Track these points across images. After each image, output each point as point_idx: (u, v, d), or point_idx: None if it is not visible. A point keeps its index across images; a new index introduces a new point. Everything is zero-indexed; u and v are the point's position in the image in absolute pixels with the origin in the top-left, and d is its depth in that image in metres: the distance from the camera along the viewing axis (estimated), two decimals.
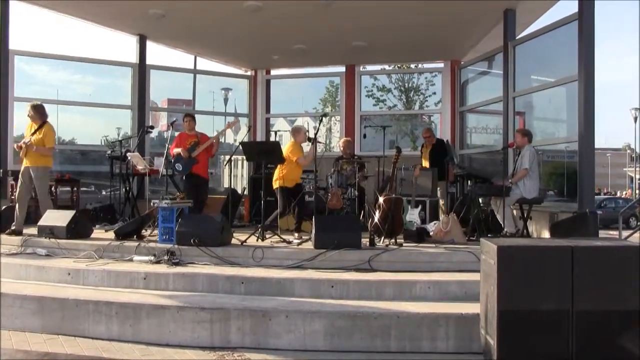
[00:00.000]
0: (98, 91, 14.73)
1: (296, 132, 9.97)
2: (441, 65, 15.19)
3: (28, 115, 9.80)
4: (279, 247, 8.43)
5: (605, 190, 58.88)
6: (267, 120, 16.00)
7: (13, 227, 9.53)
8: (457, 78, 14.38)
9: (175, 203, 8.86)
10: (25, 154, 9.65)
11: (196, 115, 15.23)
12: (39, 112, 9.78)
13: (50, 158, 9.89)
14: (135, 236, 9.08)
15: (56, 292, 7.12)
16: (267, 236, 9.02)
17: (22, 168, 9.76)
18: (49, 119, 9.93)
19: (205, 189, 10.49)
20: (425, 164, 11.94)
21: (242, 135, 11.70)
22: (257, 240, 8.85)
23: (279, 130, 15.44)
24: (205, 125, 15.87)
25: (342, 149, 12.19)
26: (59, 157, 13.30)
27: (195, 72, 15.85)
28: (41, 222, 9.19)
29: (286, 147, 9.79)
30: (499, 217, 9.37)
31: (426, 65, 17.30)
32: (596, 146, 9.63)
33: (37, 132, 9.66)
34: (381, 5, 10.71)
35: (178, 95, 19.60)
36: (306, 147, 10.08)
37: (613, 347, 5.02)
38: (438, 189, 11.38)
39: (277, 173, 9.71)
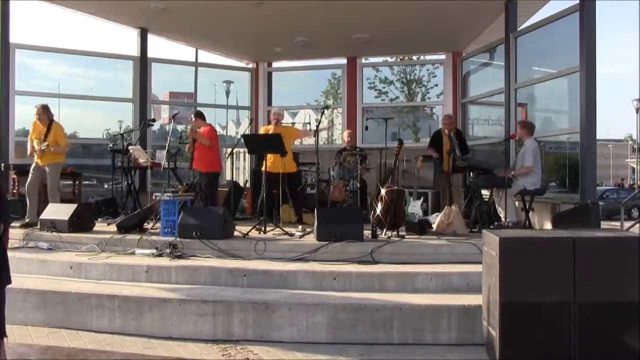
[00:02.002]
0: (100, 84, 14.71)
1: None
2: (443, 57, 15.16)
3: (37, 116, 9.90)
4: (281, 240, 8.43)
5: (630, 182, 58.40)
6: (269, 112, 15.96)
7: (27, 220, 9.63)
8: (459, 70, 14.35)
9: (177, 196, 8.87)
10: (41, 155, 9.81)
11: (198, 108, 15.33)
12: (47, 112, 9.96)
13: (63, 155, 10.09)
14: (137, 229, 9.08)
15: (59, 285, 7.14)
16: (269, 229, 9.02)
17: (33, 164, 9.93)
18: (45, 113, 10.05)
19: (204, 182, 10.40)
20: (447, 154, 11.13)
21: (244, 127, 11.68)
22: (259, 232, 8.85)
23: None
24: (207, 118, 15.88)
25: (346, 141, 12.17)
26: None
27: (196, 65, 15.82)
28: (43, 216, 9.21)
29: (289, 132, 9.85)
30: (500, 209, 9.37)
31: (428, 57, 17.29)
32: (598, 137, 9.62)
33: (49, 133, 9.79)
34: None
35: (180, 89, 19.58)
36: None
37: (614, 339, 5.03)
38: (460, 184, 11.17)
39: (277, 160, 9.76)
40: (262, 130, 10.39)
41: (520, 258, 5.11)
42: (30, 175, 9.94)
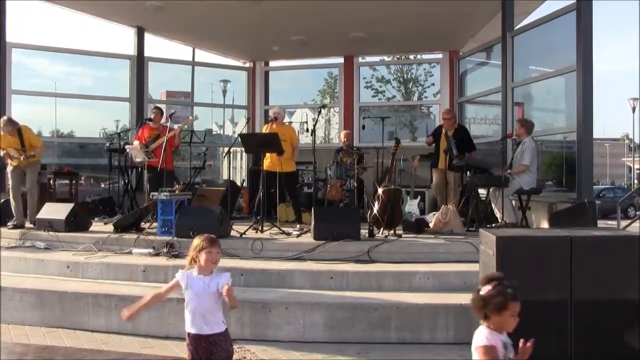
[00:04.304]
0: (96, 83, 14.74)
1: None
2: (440, 56, 15.16)
3: (6, 131, 9.70)
4: (278, 239, 8.44)
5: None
6: (266, 112, 15.92)
7: (15, 222, 9.58)
8: (456, 69, 14.34)
9: (173, 195, 8.85)
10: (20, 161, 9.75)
11: (195, 107, 15.31)
12: (12, 123, 9.76)
13: (40, 154, 10.07)
14: (134, 229, 9.07)
15: (55, 285, 7.14)
16: (266, 228, 9.01)
17: (11, 167, 9.82)
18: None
19: (169, 179, 10.32)
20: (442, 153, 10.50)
21: (241, 127, 11.68)
22: (256, 232, 8.85)
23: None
24: (204, 117, 15.89)
25: (344, 140, 12.13)
26: (58, 150, 13.30)
27: (193, 64, 15.84)
28: (40, 215, 9.20)
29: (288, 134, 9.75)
30: (496, 208, 9.36)
31: (425, 56, 17.29)
32: (594, 136, 9.63)
33: (24, 141, 9.71)
34: None
35: (176, 88, 19.60)
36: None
37: (612, 337, 5.04)
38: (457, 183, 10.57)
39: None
40: (263, 130, 10.28)
41: (518, 257, 5.11)
42: (11, 179, 9.88)
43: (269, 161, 9.63)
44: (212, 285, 4.16)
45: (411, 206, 9.57)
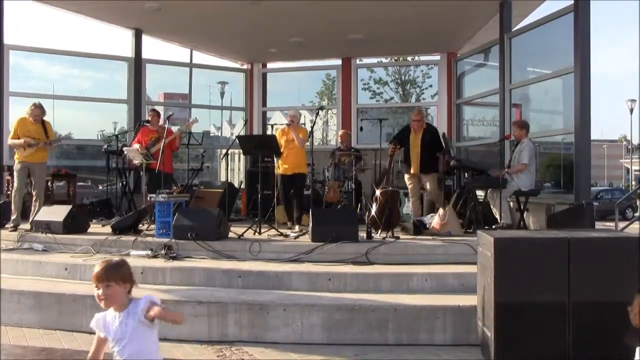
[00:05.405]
0: (94, 85, 14.74)
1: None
2: (437, 57, 15.17)
3: (34, 115, 9.74)
4: (276, 241, 8.44)
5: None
6: (264, 113, 15.97)
7: (12, 224, 9.56)
8: (454, 70, 14.35)
9: (171, 197, 8.85)
10: (32, 153, 9.71)
11: (193, 109, 15.30)
12: (42, 110, 9.86)
13: (47, 153, 10.03)
14: (132, 231, 9.05)
15: (53, 287, 7.12)
16: (264, 230, 9.01)
17: (18, 165, 9.76)
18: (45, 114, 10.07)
19: (168, 182, 10.31)
20: (416, 154, 10.20)
21: (239, 128, 11.69)
22: (254, 233, 8.84)
23: (275, 124, 15.37)
24: (202, 119, 15.91)
25: (340, 140, 12.10)
26: (56, 152, 13.28)
27: (191, 65, 15.80)
28: (38, 217, 9.18)
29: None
30: (494, 210, 9.37)
31: (422, 58, 17.28)
32: (592, 138, 9.65)
33: (47, 131, 9.81)
34: None
35: (174, 90, 19.55)
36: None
37: (610, 339, 5.04)
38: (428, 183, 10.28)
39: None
40: (278, 133, 10.21)
41: (515, 258, 5.12)
42: (17, 178, 9.79)
43: (284, 164, 9.63)
44: (129, 323, 3.41)
45: (409, 208, 9.56)
